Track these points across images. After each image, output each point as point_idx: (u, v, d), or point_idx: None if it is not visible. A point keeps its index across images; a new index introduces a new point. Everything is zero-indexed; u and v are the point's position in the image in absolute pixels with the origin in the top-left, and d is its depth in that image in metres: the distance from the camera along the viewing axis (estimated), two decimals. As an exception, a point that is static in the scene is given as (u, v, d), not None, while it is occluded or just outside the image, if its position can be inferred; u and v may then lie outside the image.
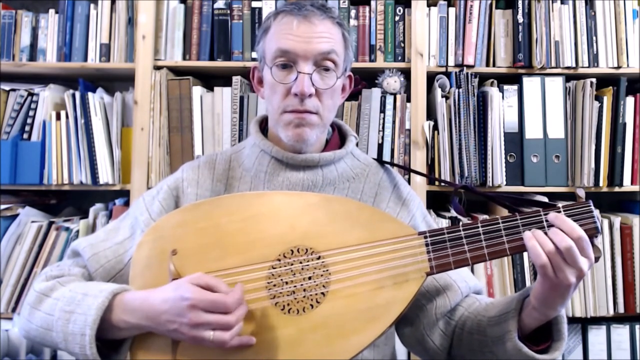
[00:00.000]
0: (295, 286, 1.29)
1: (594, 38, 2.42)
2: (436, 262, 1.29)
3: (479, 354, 1.42)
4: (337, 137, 1.67)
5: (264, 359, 1.26)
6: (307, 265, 1.30)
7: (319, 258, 1.31)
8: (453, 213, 2.33)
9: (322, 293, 1.28)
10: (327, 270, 1.29)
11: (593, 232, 1.24)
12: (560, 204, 1.28)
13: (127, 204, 2.46)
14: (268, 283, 1.30)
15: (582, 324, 2.41)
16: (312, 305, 1.27)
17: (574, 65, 2.42)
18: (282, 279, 1.30)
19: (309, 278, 1.29)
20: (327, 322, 1.26)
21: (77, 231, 2.39)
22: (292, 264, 1.31)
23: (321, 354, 1.25)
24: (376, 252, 1.30)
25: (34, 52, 2.53)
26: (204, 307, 1.19)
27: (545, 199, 2.15)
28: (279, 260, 1.32)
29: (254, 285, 1.30)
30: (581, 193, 1.30)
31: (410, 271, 1.29)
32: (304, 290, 1.29)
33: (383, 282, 1.28)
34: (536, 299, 1.28)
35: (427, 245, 1.30)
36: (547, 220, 1.26)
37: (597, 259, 1.24)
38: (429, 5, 2.44)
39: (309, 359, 1.25)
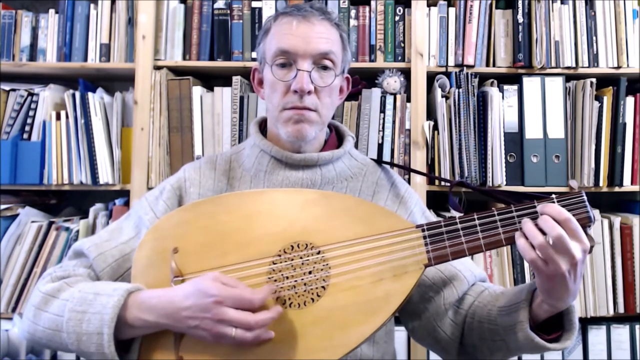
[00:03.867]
0: (295, 281, 1.30)
1: (594, 38, 2.43)
2: (434, 253, 1.30)
3: (490, 342, 1.43)
4: (335, 138, 1.70)
5: (266, 353, 1.26)
6: (307, 260, 1.31)
7: (318, 253, 1.31)
8: (453, 212, 2.33)
9: (323, 287, 1.29)
10: (327, 265, 1.30)
11: (586, 222, 1.25)
12: (553, 195, 1.29)
13: (127, 204, 2.46)
14: (269, 278, 1.31)
15: (582, 324, 2.40)
16: (312, 299, 1.28)
17: (574, 65, 2.42)
18: (282, 274, 1.31)
19: (309, 272, 1.30)
20: (328, 315, 1.27)
21: (77, 231, 2.39)
22: (292, 259, 1.32)
23: (322, 346, 1.25)
24: (375, 245, 1.31)
25: (34, 52, 2.53)
26: (229, 304, 1.21)
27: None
28: (280, 255, 1.32)
29: (256, 280, 1.31)
30: (573, 184, 1.32)
31: (408, 263, 1.30)
32: (305, 284, 1.29)
33: (382, 275, 1.29)
34: (541, 293, 1.29)
35: (424, 237, 1.31)
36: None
37: (591, 248, 1.25)
38: (429, 5, 2.44)
39: (311, 351, 1.26)
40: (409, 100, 2.40)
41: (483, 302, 1.49)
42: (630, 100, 2.41)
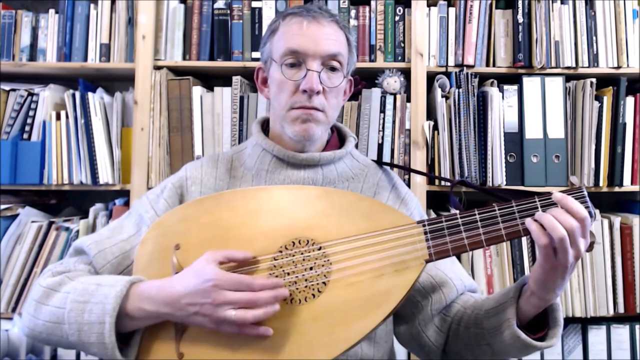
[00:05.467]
0: (297, 277, 1.30)
1: (594, 38, 2.43)
2: (435, 249, 1.30)
3: (475, 347, 1.44)
4: (336, 139, 1.71)
5: (267, 348, 1.26)
6: (309, 255, 1.31)
7: (319, 249, 1.32)
8: (454, 212, 2.33)
9: (324, 282, 1.29)
10: (328, 260, 1.30)
11: None
12: (554, 191, 1.29)
13: (127, 204, 2.46)
14: (270, 274, 1.31)
15: (582, 324, 2.41)
16: (314, 295, 1.28)
17: (574, 65, 2.42)
18: (284, 270, 1.31)
19: (311, 268, 1.31)
20: (329, 311, 1.27)
21: (77, 231, 2.39)
22: (293, 255, 1.32)
23: (324, 341, 1.26)
24: (376, 241, 1.32)
25: (34, 52, 2.53)
26: (228, 287, 1.22)
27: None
28: (281, 252, 1.33)
29: (257, 277, 1.30)
30: (574, 180, 1.32)
31: (409, 259, 1.30)
32: (306, 280, 1.30)
33: (383, 270, 1.29)
34: (535, 283, 1.29)
35: (425, 233, 1.32)
36: (543, 207, 1.28)
37: (592, 244, 1.27)
38: (429, 5, 2.44)
39: (312, 346, 1.26)
40: (409, 100, 2.40)
41: (470, 308, 1.50)
42: (630, 100, 2.41)
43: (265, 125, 1.69)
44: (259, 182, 1.58)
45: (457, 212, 1.33)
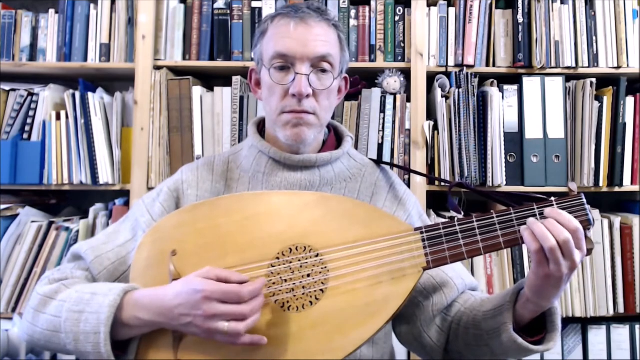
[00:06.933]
0: (294, 284, 1.30)
1: (594, 38, 2.42)
2: (432, 257, 1.30)
3: (475, 348, 1.44)
4: (334, 138, 1.69)
5: (265, 356, 1.27)
6: (306, 262, 1.31)
7: (317, 256, 1.32)
8: (453, 213, 2.33)
9: (321, 290, 1.29)
10: (325, 268, 1.31)
11: (586, 225, 1.26)
12: (552, 198, 1.29)
13: (127, 204, 2.46)
14: (267, 281, 1.31)
15: (582, 324, 2.41)
16: (311, 302, 1.29)
17: (574, 65, 2.42)
18: (281, 277, 1.31)
19: (308, 275, 1.31)
20: (326, 319, 1.27)
21: (77, 231, 2.39)
22: (291, 262, 1.32)
23: (321, 349, 1.26)
24: (374, 248, 1.32)
25: (34, 52, 2.53)
26: (217, 298, 1.21)
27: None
28: (278, 258, 1.33)
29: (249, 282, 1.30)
30: (573, 187, 1.32)
31: (407, 266, 1.30)
32: (303, 287, 1.30)
33: (381, 278, 1.29)
34: (530, 290, 1.30)
35: (423, 240, 1.32)
36: (541, 214, 1.28)
37: (590, 251, 1.26)
38: (429, 5, 2.44)
39: (310, 354, 1.26)
40: (409, 100, 2.40)
41: (469, 308, 1.50)
42: (630, 100, 2.41)
43: (261, 126, 1.68)
44: (255, 185, 1.57)
45: (455, 219, 1.32)
